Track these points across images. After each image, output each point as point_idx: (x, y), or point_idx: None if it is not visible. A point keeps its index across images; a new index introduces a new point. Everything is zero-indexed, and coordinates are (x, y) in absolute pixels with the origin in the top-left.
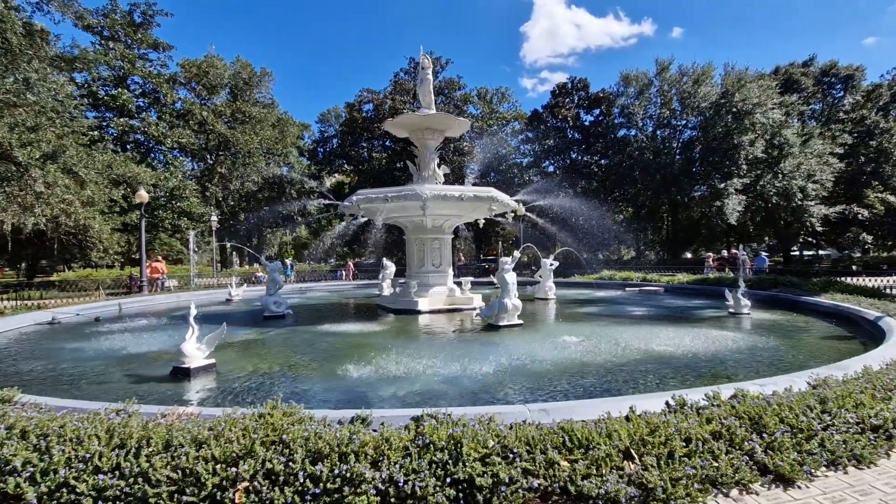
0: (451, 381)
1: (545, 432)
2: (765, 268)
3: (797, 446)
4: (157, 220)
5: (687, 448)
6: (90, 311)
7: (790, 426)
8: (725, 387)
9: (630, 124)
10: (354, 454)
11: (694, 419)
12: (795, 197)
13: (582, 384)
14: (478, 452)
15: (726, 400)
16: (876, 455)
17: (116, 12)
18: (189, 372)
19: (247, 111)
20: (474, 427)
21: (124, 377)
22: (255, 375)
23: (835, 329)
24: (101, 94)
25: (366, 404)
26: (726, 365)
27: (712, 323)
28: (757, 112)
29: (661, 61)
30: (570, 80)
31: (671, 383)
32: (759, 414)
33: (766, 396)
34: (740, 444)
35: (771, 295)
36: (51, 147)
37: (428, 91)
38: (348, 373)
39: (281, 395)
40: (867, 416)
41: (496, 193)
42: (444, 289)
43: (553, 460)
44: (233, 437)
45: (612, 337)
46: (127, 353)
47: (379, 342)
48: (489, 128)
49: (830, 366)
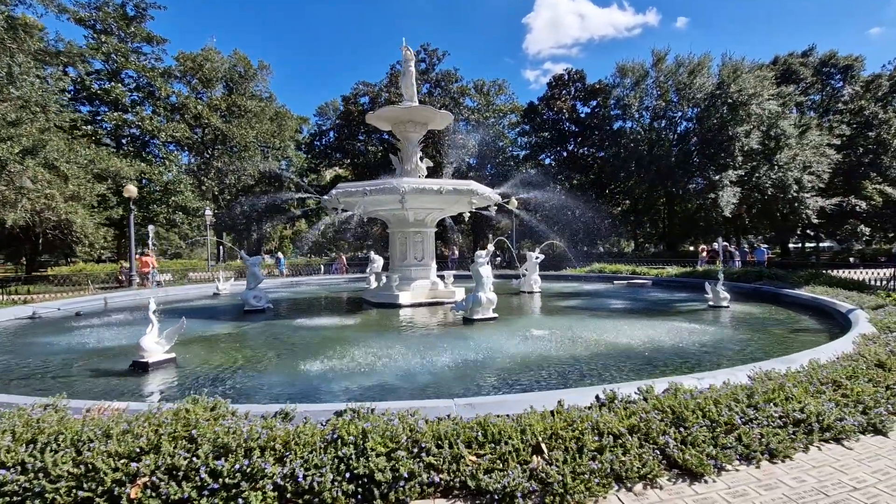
0: (408, 375)
1: (461, 427)
2: (764, 260)
3: (713, 440)
4: (152, 214)
5: (599, 442)
6: (74, 305)
7: (711, 420)
8: (661, 380)
9: (626, 116)
10: (260, 449)
11: (618, 413)
12: (791, 189)
13: (538, 378)
14: (385, 447)
15: (659, 394)
16: (792, 449)
17: (109, 5)
18: (147, 366)
19: (242, 105)
20: (392, 422)
21: (85, 371)
22: (214, 370)
23: (808, 322)
24: (94, 87)
25: (313, 399)
26: (687, 358)
27: (688, 316)
28: (752, 103)
29: (657, 52)
30: (567, 72)
31: (625, 376)
32: (682, 408)
33: (699, 390)
34: (655, 439)
35: (754, 288)
36: (31, 142)
37: (410, 83)
38: (308, 367)
39: (230, 389)
40: (791, 411)
41: (476, 186)
42: (426, 282)
43: (459, 455)
44: (141, 432)
45: (583, 330)
46: (95, 348)
47: (350, 336)
48: (485, 120)
49: (778, 359)
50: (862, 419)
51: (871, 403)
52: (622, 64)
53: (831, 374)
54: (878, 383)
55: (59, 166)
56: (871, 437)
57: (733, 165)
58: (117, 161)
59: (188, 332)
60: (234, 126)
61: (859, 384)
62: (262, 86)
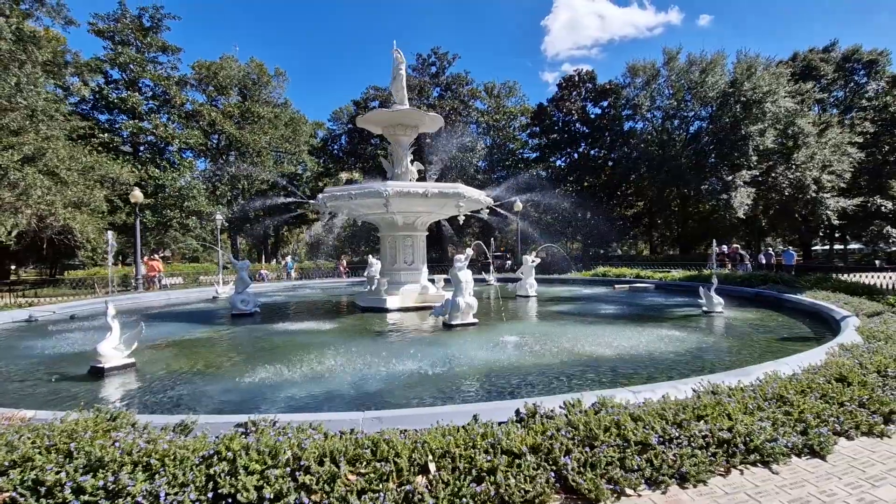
0: (361, 383)
1: (352, 443)
2: (793, 263)
3: (621, 462)
4: (166, 219)
5: (491, 463)
6: (73, 308)
7: (624, 439)
8: (591, 393)
9: (636, 116)
10: (134, 465)
11: (533, 430)
12: (810, 189)
13: (489, 388)
14: (262, 465)
15: (587, 408)
16: (709, 473)
17: (126, 17)
18: (103, 371)
19: (256, 111)
20: (286, 437)
21: (45, 375)
22: (171, 375)
23: (802, 329)
24: (112, 97)
25: (253, 407)
26: (654, 368)
27: (676, 322)
28: (767, 101)
29: (668, 50)
30: (577, 73)
31: (580, 387)
32: (595, 425)
33: (633, 404)
34: (556, 459)
35: (757, 292)
36: (31, 150)
37: (401, 87)
38: (265, 374)
39: (175, 396)
40: (717, 430)
41: (463, 189)
42: (416, 286)
43: (335, 474)
44: (18, 444)
45: (559, 338)
46: (67, 352)
47: (324, 341)
48: (495, 123)
49: (734, 371)
50: (799, 440)
51: (813, 422)
52: (633, 63)
53: (779, 390)
54: (831, 400)
55: (60, 173)
56: (805, 460)
57: (747, 165)
58: (117, 167)
59: (166, 335)
60: (248, 132)
61: (808, 401)
62: (277, 92)
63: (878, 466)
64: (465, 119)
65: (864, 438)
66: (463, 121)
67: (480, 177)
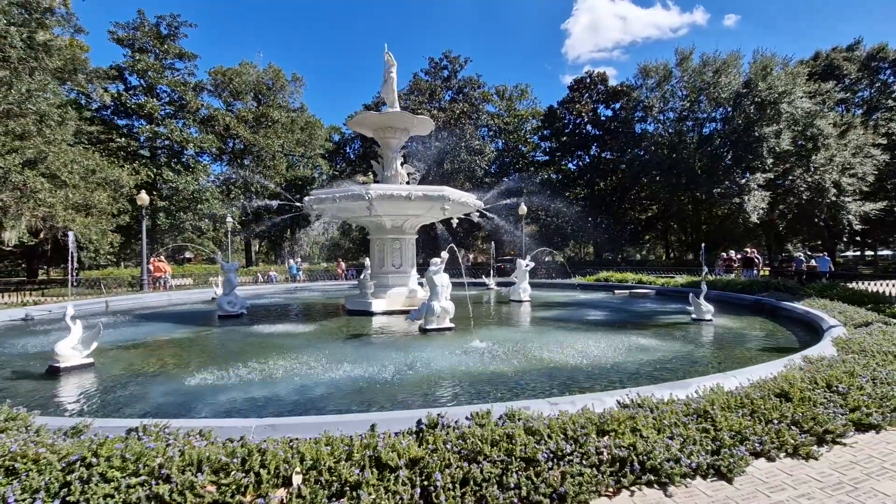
0: (308, 388)
1: (227, 452)
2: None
3: (499, 479)
4: (179, 221)
5: (358, 477)
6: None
7: (510, 455)
8: (501, 404)
9: (648, 118)
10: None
11: (427, 442)
12: (829, 192)
13: (434, 395)
14: (122, 472)
15: (495, 420)
16: (592, 494)
17: (145, 25)
18: (59, 371)
19: (270, 115)
20: (163, 444)
21: (9, 373)
22: (127, 376)
23: (788, 338)
24: (130, 103)
25: (186, 411)
26: (613, 377)
27: (659, 330)
28: (783, 101)
29: (681, 50)
30: (588, 75)
31: (531, 395)
32: (482, 440)
33: (539, 417)
34: (430, 475)
35: (755, 300)
36: (34, 153)
37: (391, 90)
38: (219, 375)
39: (117, 397)
40: (615, 447)
41: (449, 192)
42: (403, 290)
43: (192, 485)
44: None
45: (531, 344)
46: (40, 351)
47: (294, 344)
48: (506, 126)
49: (672, 383)
50: (706, 460)
51: (728, 441)
52: (644, 64)
53: (704, 405)
54: (760, 417)
55: (61, 176)
56: (709, 482)
57: (762, 168)
58: (117, 170)
59: (144, 336)
60: (261, 136)
61: (731, 417)
62: (294, 97)
63: (787, 492)
64: (474, 122)
65: (788, 460)
66: (472, 124)
67: (488, 180)
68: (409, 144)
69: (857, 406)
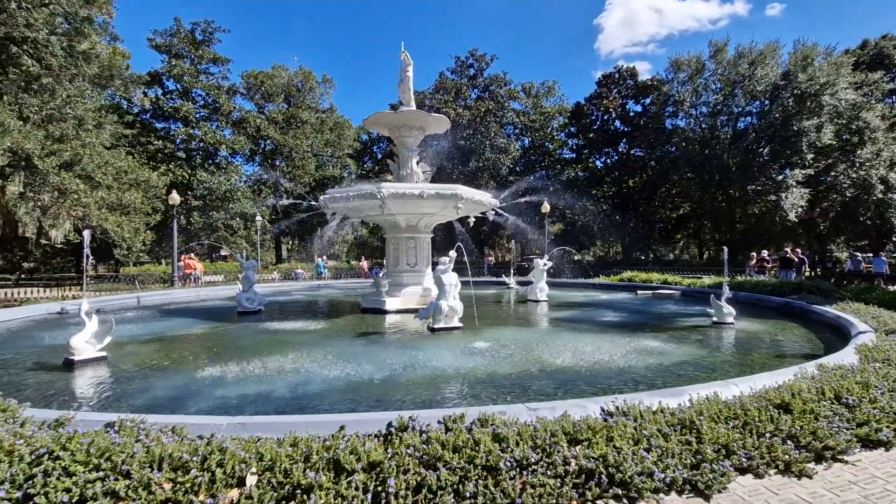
0: (301, 385)
1: (189, 450)
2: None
3: (456, 488)
4: (212, 220)
5: (311, 480)
6: (102, 303)
7: (471, 462)
8: (476, 409)
9: (679, 113)
10: None
11: (389, 445)
12: (875, 189)
13: (424, 396)
14: (85, 466)
15: (469, 423)
16: None
17: (181, 32)
18: (73, 364)
19: (299, 116)
20: (132, 440)
21: (30, 364)
22: (137, 369)
23: (812, 344)
24: (167, 106)
25: (180, 405)
26: (614, 382)
27: (676, 333)
28: (825, 93)
29: (715, 42)
30: (617, 70)
31: (511, 399)
32: (442, 446)
33: (515, 423)
34: (385, 479)
35: (785, 302)
36: (70, 156)
37: (407, 88)
38: (220, 370)
39: (120, 390)
40: (583, 457)
41: (461, 190)
42: (418, 288)
43: (149, 482)
44: None
45: (537, 346)
46: (62, 343)
47: (303, 341)
48: (532, 123)
49: (664, 390)
50: (683, 474)
51: (710, 455)
52: (676, 57)
53: (691, 415)
54: (752, 430)
55: (95, 177)
56: (685, 499)
57: (801, 164)
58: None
59: (162, 330)
60: (290, 137)
61: (718, 429)
62: (324, 98)
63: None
64: (500, 120)
65: (778, 477)
66: (498, 122)
67: (513, 178)
68: (434, 143)
69: (866, 420)
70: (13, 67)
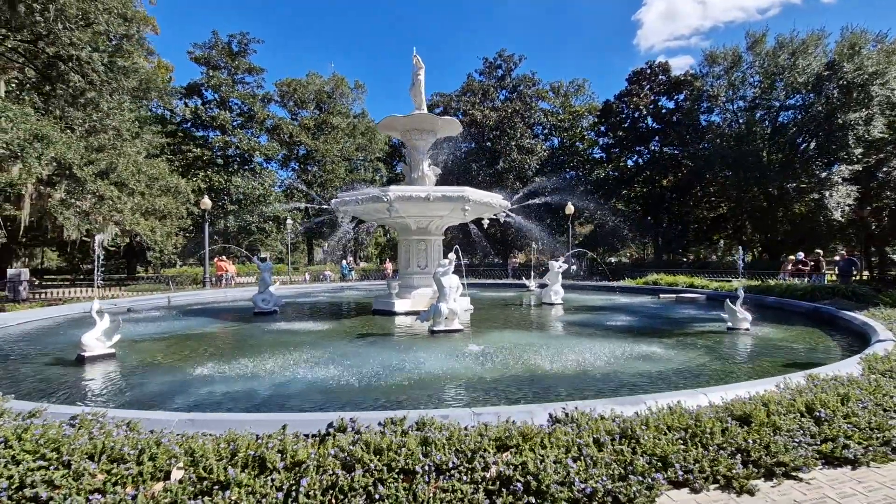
0: (284, 385)
1: (129, 443)
2: None
3: (368, 492)
4: (246, 223)
5: (226, 476)
6: (133, 302)
7: (389, 466)
8: (416, 412)
9: (715, 109)
10: None
11: (321, 445)
12: None
13: (398, 399)
14: (33, 455)
15: (408, 426)
16: None
17: (219, 44)
18: (84, 360)
19: (331, 122)
20: (88, 431)
21: (39, 360)
22: (142, 366)
23: (831, 352)
24: (205, 116)
25: (162, 402)
26: (597, 387)
27: (685, 339)
28: (875, 83)
29: (752, 33)
30: (648, 65)
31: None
32: (364, 448)
33: (454, 427)
34: (299, 478)
35: (814, 308)
36: (106, 164)
37: (419, 92)
38: (215, 368)
39: (118, 385)
40: (504, 463)
41: (469, 193)
42: (428, 290)
43: (82, 472)
44: None
45: (535, 350)
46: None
47: (306, 341)
48: (560, 123)
49: (622, 399)
50: (605, 485)
51: (642, 467)
52: (711, 51)
53: (633, 424)
54: (698, 442)
55: (129, 183)
56: None
57: (848, 159)
58: (176, 178)
59: (179, 329)
60: (322, 142)
61: (661, 440)
62: (357, 103)
63: None
64: (527, 121)
65: (716, 493)
66: (525, 122)
67: (538, 179)
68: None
69: (834, 436)
70: (60, 83)
